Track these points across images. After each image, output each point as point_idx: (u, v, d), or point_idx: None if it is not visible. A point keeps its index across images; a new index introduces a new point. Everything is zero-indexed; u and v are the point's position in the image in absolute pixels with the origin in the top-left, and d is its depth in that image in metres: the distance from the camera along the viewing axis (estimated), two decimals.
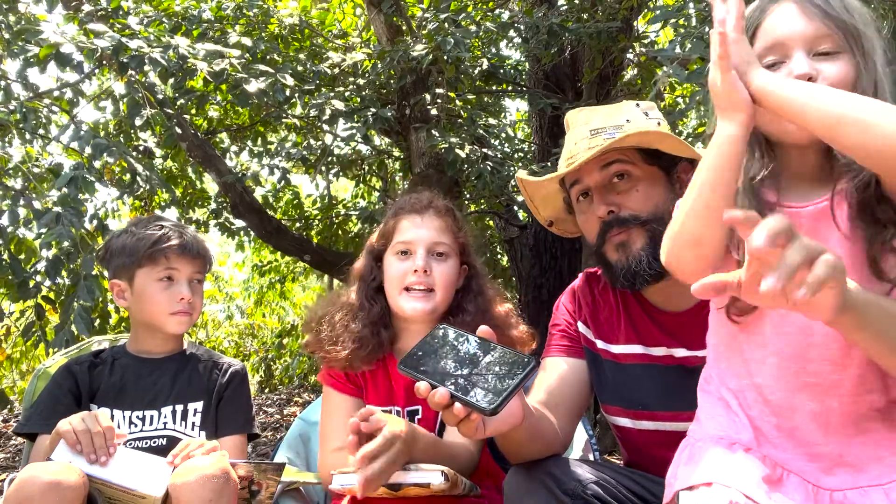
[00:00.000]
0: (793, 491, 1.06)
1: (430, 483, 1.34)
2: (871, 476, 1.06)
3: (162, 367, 1.84)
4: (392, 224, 1.72)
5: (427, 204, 1.72)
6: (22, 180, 3.58)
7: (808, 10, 1.07)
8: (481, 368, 1.11)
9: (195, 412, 1.79)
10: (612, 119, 1.55)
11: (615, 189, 1.52)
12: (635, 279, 1.50)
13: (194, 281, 1.86)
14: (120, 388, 1.77)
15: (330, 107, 3.62)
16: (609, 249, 1.53)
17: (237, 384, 1.87)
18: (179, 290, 1.82)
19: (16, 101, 3.19)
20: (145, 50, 3.04)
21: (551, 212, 1.74)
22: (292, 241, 5.06)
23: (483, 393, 1.07)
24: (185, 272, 1.83)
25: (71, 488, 1.33)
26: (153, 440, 1.73)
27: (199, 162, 4.53)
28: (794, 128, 1.05)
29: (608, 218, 1.51)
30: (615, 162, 1.50)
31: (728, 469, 1.06)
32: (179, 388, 1.81)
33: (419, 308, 1.63)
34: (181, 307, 1.81)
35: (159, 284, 1.81)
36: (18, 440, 5.13)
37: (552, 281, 4.94)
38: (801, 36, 1.06)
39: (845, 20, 1.04)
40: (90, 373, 1.79)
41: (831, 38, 1.05)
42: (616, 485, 1.32)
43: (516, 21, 4.43)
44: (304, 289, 9.36)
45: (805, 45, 1.06)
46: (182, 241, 1.84)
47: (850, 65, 1.05)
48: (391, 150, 5.94)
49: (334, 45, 5.01)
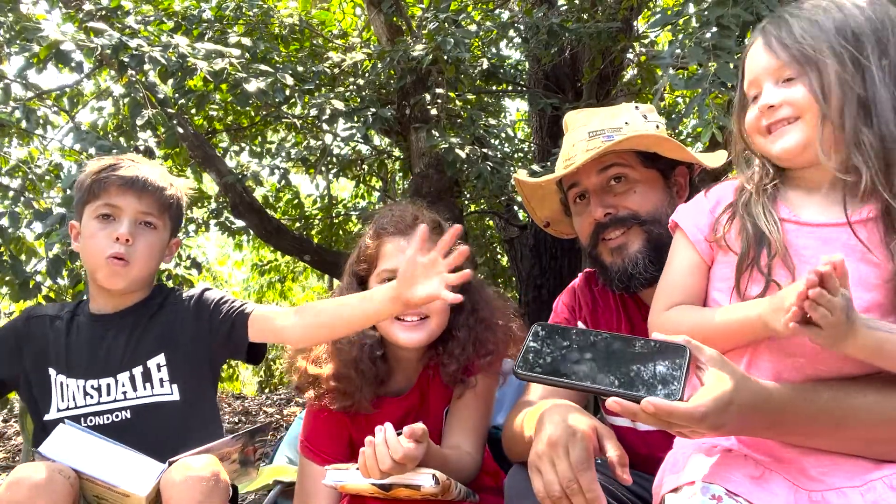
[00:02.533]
0: (776, 488, 1.07)
1: (420, 486, 1.34)
2: (847, 477, 1.07)
3: (116, 325, 1.63)
4: (374, 248, 1.59)
5: (412, 222, 1.57)
6: (21, 180, 3.58)
7: (770, 45, 1.14)
8: (638, 361, 1.03)
9: (158, 367, 1.59)
10: (610, 121, 1.54)
11: (612, 191, 1.52)
12: (631, 281, 1.50)
13: (141, 223, 1.60)
14: (73, 351, 1.60)
15: (330, 107, 3.62)
16: (604, 252, 1.53)
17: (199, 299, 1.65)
18: (115, 229, 1.56)
19: (15, 102, 3.19)
20: (145, 49, 3.04)
21: (548, 213, 1.73)
22: (292, 241, 5.05)
23: (661, 387, 0.99)
24: (127, 210, 1.58)
25: (61, 489, 1.32)
26: (115, 413, 1.56)
27: (199, 162, 4.52)
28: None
29: (605, 220, 1.50)
30: (613, 165, 1.51)
31: (710, 468, 1.08)
32: (133, 348, 1.60)
33: (415, 339, 1.54)
34: (116, 249, 1.55)
35: (97, 222, 1.58)
36: (18, 440, 5.12)
37: (552, 281, 4.94)
38: (765, 70, 1.15)
39: (800, 49, 1.10)
40: (50, 327, 1.63)
41: (790, 68, 1.12)
42: (616, 485, 1.33)
43: (516, 21, 4.43)
44: (303, 289, 9.36)
45: (771, 77, 1.14)
46: (126, 172, 1.59)
47: (814, 86, 1.09)
48: (391, 150, 5.94)
49: (334, 45, 5.01)
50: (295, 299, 9.22)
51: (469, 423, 1.61)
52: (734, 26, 2.17)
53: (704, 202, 1.27)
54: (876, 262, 1.08)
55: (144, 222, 1.61)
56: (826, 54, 1.08)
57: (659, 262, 1.47)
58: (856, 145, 1.07)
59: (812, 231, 1.13)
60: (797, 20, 1.13)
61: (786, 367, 1.11)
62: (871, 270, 1.08)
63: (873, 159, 1.06)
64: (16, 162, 3.60)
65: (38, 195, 3.29)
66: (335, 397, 1.57)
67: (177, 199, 1.69)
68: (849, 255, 1.05)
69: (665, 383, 0.99)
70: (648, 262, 1.47)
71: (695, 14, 2.57)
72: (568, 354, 1.06)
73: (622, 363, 1.03)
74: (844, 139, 1.08)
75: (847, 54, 1.07)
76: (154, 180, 1.62)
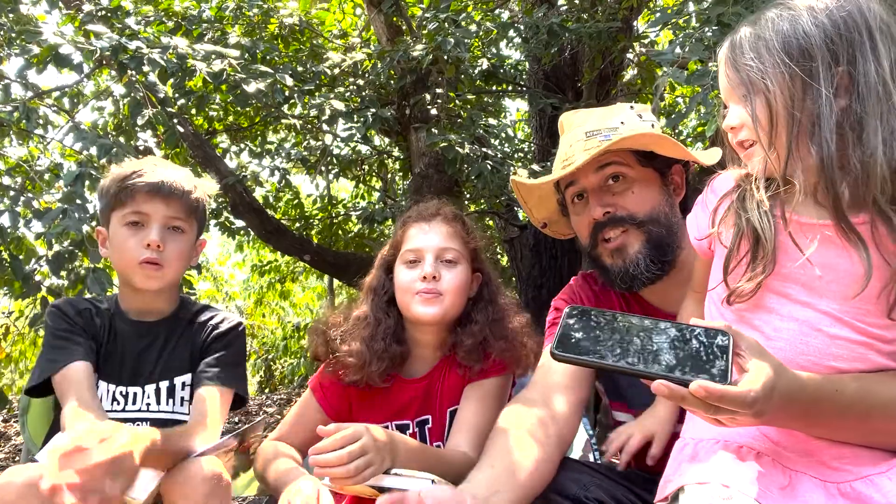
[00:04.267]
0: (805, 493, 1.06)
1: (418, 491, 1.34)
2: (870, 465, 1.06)
3: (152, 333, 1.66)
4: (401, 234, 1.72)
5: (435, 212, 1.72)
6: (22, 179, 3.58)
7: (727, 64, 1.14)
8: (681, 345, 1.01)
9: (183, 386, 1.63)
10: (606, 121, 1.55)
11: (611, 191, 1.52)
12: (633, 282, 1.50)
13: (169, 227, 1.63)
14: (110, 354, 1.62)
15: (330, 107, 3.62)
16: (604, 253, 1.53)
17: (223, 336, 1.68)
18: (146, 235, 1.59)
19: (15, 102, 3.19)
20: (144, 51, 3.04)
21: (546, 213, 1.74)
22: (292, 241, 5.06)
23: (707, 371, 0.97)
24: (156, 216, 1.60)
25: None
26: (135, 423, 1.59)
27: (199, 162, 4.53)
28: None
29: (604, 219, 1.51)
30: (610, 164, 1.51)
31: (740, 471, 1.07)
32: (165, 361, 1.64)
33: (430, 312, 1.62)
34: (148, 255, 1.58)
35: (126, 229, 1.60)
36: (18, 440, 5.12)
37: (552, 281, 4.94)
38: (724, 89, 1.16)
39: (748, 73, 1.10)
40: (98, 325, 1.64)
41: (739, 90, 1.13)
42: (616, 486, 1.33)
43: (516, 21, 4.44)
44: (303, 289, 9.36)
45: (731, 97, 1.15)
46: (153, 178, 1.60)
47: (762, 108, 1.09)
48: (391, 150, 5.94)
49: (334, 45, 5.01)
50: (295, 299, 9.23)
51: (472, 425, 1.61)
52: (735, 24, 2.17)
53: (709, 197, 1.27)
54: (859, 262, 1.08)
55: (173, 227, 1.63)
56: (769, 74, 1.07)
57: (659, 260, 1.48)
58: (795, 162, 1.07)
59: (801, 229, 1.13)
60: (748, 39, 1.12)
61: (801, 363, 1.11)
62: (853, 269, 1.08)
63: (816, 174, 1.07)
64: (16, 161, 3.61)
65: (39, 194, 3.28)
66: (347, 371, 1.65)
67: (202, 201, 1.71)
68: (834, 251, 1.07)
69: (711, 367, 0.97)
70: (650, 262, 1.48)
71: (695, 12, 2.57)
72: (606, 336, 1.03)
73: (665, 347, 1.01)
74: (790, 158, 1.08)
75: (790, 72, 1.06)
76: (180, 184, 1.63)
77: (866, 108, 1.03)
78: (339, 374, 1.68)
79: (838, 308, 1.08)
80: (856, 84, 1.04)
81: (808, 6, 1.09)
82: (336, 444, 1.27)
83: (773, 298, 1.13)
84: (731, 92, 1.15)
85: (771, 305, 1.13)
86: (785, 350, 1.10)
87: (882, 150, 1.03)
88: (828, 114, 1.04)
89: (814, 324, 1.10)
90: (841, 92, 1.05)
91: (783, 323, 1.11)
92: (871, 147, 1.02)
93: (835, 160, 1.04)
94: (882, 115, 1.03)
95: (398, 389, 1.69)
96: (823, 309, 1.09)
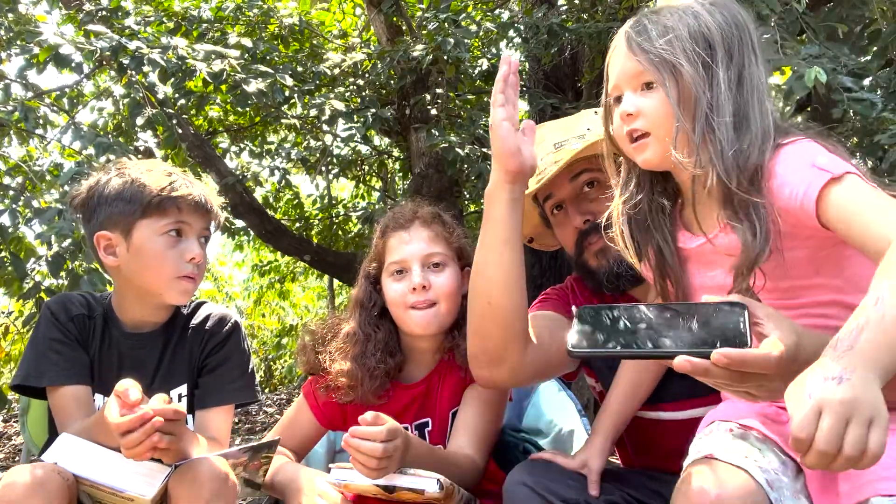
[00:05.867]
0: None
1: (424, 489, 1.35)
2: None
3: (148, 343, 1.62)
4: (381, 245, 1.68)
5: (411, 216, 1.66)
6: (22, 179, 3.58)
7: (632, 49, 1.17)
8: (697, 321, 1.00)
9: (180, 397, 1.60)
10: (573, 130, 1.56)
11: (588, 197, 1.53)
12: (619, 280, 1.51)
13: (202, 239, 1.61)
14: (104, 365, 1.59)
15: (329, 107, 3.62)
16: (589, 257, 1.54)
17: (221, 345, 1.64)
18: (190, 248, 1.55)
19: (14, 102, 3.19)
20: (144, 51, 3.04)
21: (529, 229, 1.74)
22: (292, 241, 5.06)
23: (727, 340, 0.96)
24: (195, 227, 1.58)
25: (56, 489, 1.30)
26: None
27: (199, 162, 4.53)
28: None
29: (585, 227, 1.52)
30: (583, 172, 1.52)
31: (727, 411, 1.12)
32: (162, 373, 1.60)
33: (427, 324, 1.60)
34: (189, 270, 1.55)
35: (165, 240, 1.54)
36: (18, 440, 5.12)
37: (552, 281, 4.92)
38: (625, 74, 1.18)
39: (659, 55, 1.13)
40: (89, 332, 1.60)
41: (649, 73, 1.15)
42: (615, 490, 1.33)
43: (516, 21, 4.43)
44: (303, 289, 9.35)
45: (630, 84, 1.18)
46: (194, 190, 1.57)
47: (671, 92, 1.13)
48: (391, 150, 5.94)
49: (334, 45, 5.01)
50: (295, 299, 9.22)
51: (474, 427, 1.60)
52: None
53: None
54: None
55: (203, 237, 1.63)
56: (682, 60, 1.12)
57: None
58: (703, 147, 1.12)
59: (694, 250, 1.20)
60: (655, 26, 1.16)
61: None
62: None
63: (718, 160, 1.10)
64: (15, 161, 3.61)
65: (39, 194, 3.28)
66: (339, 392, 1.63)
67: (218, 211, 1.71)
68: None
69: (730, 337, 0.96)
70: None
71: None
72: (621, 326, 1.03)
73: (680, 326, 1.00)
74: (694, 142, 1.12)
75: (700, 60, 1.12)
76: (211, 200, 1.63)
77: (751, 104, 1.12)
78: (331, 395, 1.65)
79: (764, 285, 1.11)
80: (744, 81, 1.13)
81: (701, 7, 1.16)
82: (375, 436, 1.29)
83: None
84: (632, 78, 1.17)
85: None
86: None
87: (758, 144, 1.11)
88: (727, 101, 1.11)
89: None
90: (733, 87, 1.13)
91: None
92: (750, 139, 1.11)
93: (733, 143, 1.10)
94: (759, 112, 1.13)
95: (396, 394, 1.67)
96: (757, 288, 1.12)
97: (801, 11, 2.19)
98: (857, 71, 2.24)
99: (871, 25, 2.51)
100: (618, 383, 1.45)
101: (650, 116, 1.15)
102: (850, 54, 2.36)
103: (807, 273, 1.12)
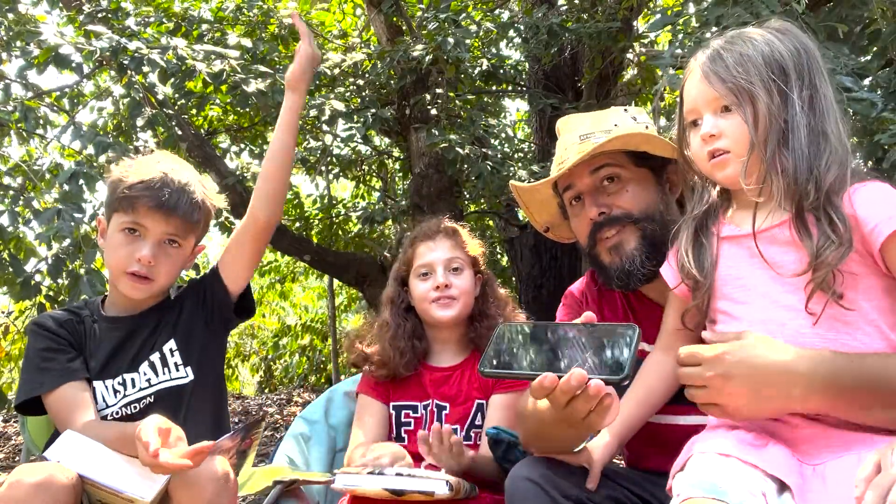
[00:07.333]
0: (776, 455, 1.12)
1: (433, 492, 1.36)
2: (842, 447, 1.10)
3: (138, 325, 1.69)
4: (411, 252, 1.96)
5: (437, 229, 1.97)
6: (22, 179, 3.58)
7: (708, 78, 1.24)
8: (585, 347, 1.09)
9: (171, 352, 1.67)
10: (600, 124, 1.58)
11: (606, 191, 1.55)
12: (629, 279, 1.52)
13: (165, 241, 1.62)
14: (97, 355, 1.66)
15: (329, 107, 3.62)
16: (602, 251, 1.56)
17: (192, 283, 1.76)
18: (139, 249, 1.59)
19: (14, 102, 3.19)
20: (144, 51, 3.04)
21: (547, 217, 1.77)
22: (292, 241, 5.06)
23: (603, 366, 1.04)
24: (154, 231, 1.60)
25: (62, 489, 1.31)
26: (141, 401, 1.64)
27: (199, 162, 4.53)
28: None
29: (599, 219, 1.53)
30: (605, 165, 1.54)
31: (708, 442, 1.17)
32: (151, 341, 1.68)
33: (448, 315, 1.85)
34: (136, 268, 1.59)
35: (122, 236, 1.60)
36: (18, 440, 5.12)
37: (552, 281, 4.94)
38: (704, 100, 1.26)
39: (735, 83, 1.21)
40: (76, 329, 1.67)
41: (727, 99, 1.23)
42: (617, 488, 1.33)
43: (516, 21, 4.44)
44: (304, 289, 9.36)
45: (709, 107, 1.25)
46: (160, 194, 1.58)
47: (748, 117, 1.21)
48: (391, 150, 5.94)
49: (334, 45, 5.01)
50: (295, 299, 9.23)
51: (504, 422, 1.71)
52: (735, 26, 2.17)
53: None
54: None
55: (169, 240, 1.64)
56: (758, 87, 1.20)
57: (655, 257, 1.49)
58: (772, 167, 1.19)
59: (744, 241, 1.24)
60: (730, 55, 1.24)
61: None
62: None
63: (790, 176, 1.18)
64: (15, 161, 3.61)
65: (38, 194, 3.29)
66: (375, 368, 1.89)
67: (205, 216, 1.71)
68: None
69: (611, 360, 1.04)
70: (645, 259, 1.50)
71: (695, 14, 2.58)
72: (526, 349, 1.14)
73: (571, 347, 1.10)
74: (765, 162, 1.20)
75: (775, 86, 1.20)
76: (184, 204, 1.62)
77: (827, 122, 1.20)
78: (373, 374, 1.90)
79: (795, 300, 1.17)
80: (816, 103, 1.21)
81: (773, 35, 1.25)
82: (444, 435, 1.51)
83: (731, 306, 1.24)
84: (710, 103, 1.25)
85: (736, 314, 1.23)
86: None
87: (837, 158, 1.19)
88: (803, 124, 1.19)
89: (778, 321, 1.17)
90: (806, 108, 1.20)
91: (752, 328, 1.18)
92: (829, 153, 1.18)
93: (808, 164, 1.17)
94: (836, 129, 1.20)
95: (424, 372, 1.90)
96: (784, 304, 1.18)
97: (801, 12, 2.18)
98: (857, 71, 2.24)
99: (871, 25, 2.51)
100: (633, 387, 1.46)
101: (731, 136, 1.23)
102: (850, 54, 2.36)
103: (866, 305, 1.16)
